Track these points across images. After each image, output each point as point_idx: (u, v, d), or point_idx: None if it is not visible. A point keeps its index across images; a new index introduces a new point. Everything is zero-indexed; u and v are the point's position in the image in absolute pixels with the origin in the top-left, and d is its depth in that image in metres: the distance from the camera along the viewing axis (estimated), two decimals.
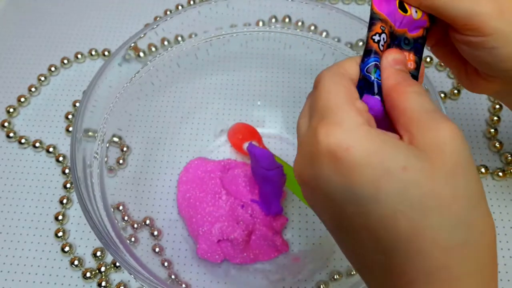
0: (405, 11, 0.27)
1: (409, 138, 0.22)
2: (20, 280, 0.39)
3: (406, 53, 0.26)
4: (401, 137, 0.23)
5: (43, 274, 0.40)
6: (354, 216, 0.22)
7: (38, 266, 0.40)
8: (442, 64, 0.50)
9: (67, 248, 0.40)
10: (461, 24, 0.27)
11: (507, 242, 0.40)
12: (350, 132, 0.21)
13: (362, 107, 0.23)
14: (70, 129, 0.47)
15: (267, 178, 0.39)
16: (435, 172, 0.21)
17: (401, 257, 0.21)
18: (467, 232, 0.21)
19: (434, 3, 0.27)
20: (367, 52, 0.25)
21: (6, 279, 0.39)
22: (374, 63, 0.24)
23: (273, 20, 0.46)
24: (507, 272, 0.39)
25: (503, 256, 0.40)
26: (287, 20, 0.46)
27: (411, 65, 0.26)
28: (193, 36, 0.45)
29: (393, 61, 0.25)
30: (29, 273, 0.40)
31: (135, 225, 0.40)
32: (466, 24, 0.27)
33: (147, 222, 0.41)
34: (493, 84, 0.31)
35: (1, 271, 0.40)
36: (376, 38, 0.25)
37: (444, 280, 0.21)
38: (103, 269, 0.39)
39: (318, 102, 0.23)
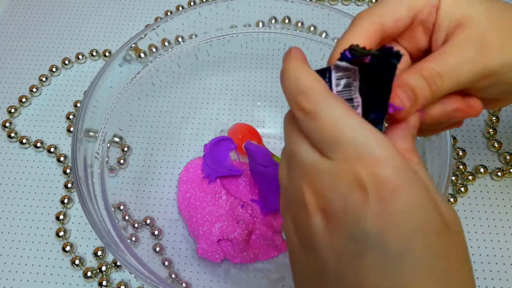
0: None
1: None
2: (21, 280, 0.40)
3: None
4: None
5: (44, 274, 0.40)
6: (369, 269, 0.19)
7: (39, 265, 0.40)
8: None
9: (68, 248, 0.41)
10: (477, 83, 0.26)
11: (506, 241, 0.41)
12: (396, 169, 0.19)
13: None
14: (71, 129, 0.47)
15: (264, 175, 0.39)
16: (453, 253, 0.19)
17: None
18: None
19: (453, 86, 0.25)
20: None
21: (7, 279, 0.40)
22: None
23: (273, 21, 0.46)
24: (506, 272, 0.39)
25: (502, 256, 0.40)
26: (286, 21, 0.47)
27: None
28: (193, 36, 0.46)
29: (414, 125, 0.23)
30: (30, 273, 0.40)
31: (136, 225, 0.41)
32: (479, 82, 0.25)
33: (148, 221, 0.41)
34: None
35: (2, 271, 0.40)
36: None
37: None
38: (104, 268, 0.40)
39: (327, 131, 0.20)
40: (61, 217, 0.42)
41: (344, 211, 0.19)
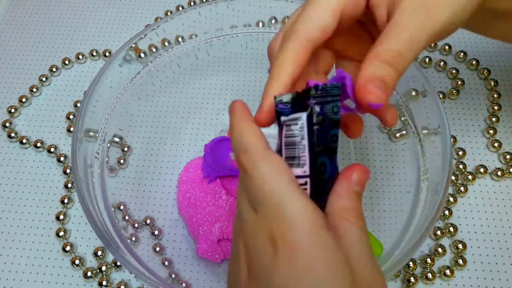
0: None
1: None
2: (21, 280, 0.40)
3: None
4: None
5: (44, 274, 0.40)
6: None
7: (39, 265, 0.40)
8: (441, 65, 0.50)
9: (68, 248, 0.41)
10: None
11: (506, 241, 0.41)
12: (303, 231, 0.20)
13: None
14: (71, 129, 0.47)
15: None
16: None
17: None
18: None
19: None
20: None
21: (7, 279, 0.40)
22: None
23: (273, 21, 0.46)
24: (506, 272, 0.39)
25: (502, 256, 0.40)
26: (286, 21, 0.47)
27: None
28: (193, 37, 0.46)
29: (357, 181, 0.23)
30: (30, 273, 0.40)
31: (136, 225, 0.41)
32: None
33: (148, 221, 0.41)
34: None
35: (2, 271, 0.40)
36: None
37: None
38: (104, 268, 0.40)
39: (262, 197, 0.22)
40: (61, 217, 0.42)
41: (259, 266, 0.21)
